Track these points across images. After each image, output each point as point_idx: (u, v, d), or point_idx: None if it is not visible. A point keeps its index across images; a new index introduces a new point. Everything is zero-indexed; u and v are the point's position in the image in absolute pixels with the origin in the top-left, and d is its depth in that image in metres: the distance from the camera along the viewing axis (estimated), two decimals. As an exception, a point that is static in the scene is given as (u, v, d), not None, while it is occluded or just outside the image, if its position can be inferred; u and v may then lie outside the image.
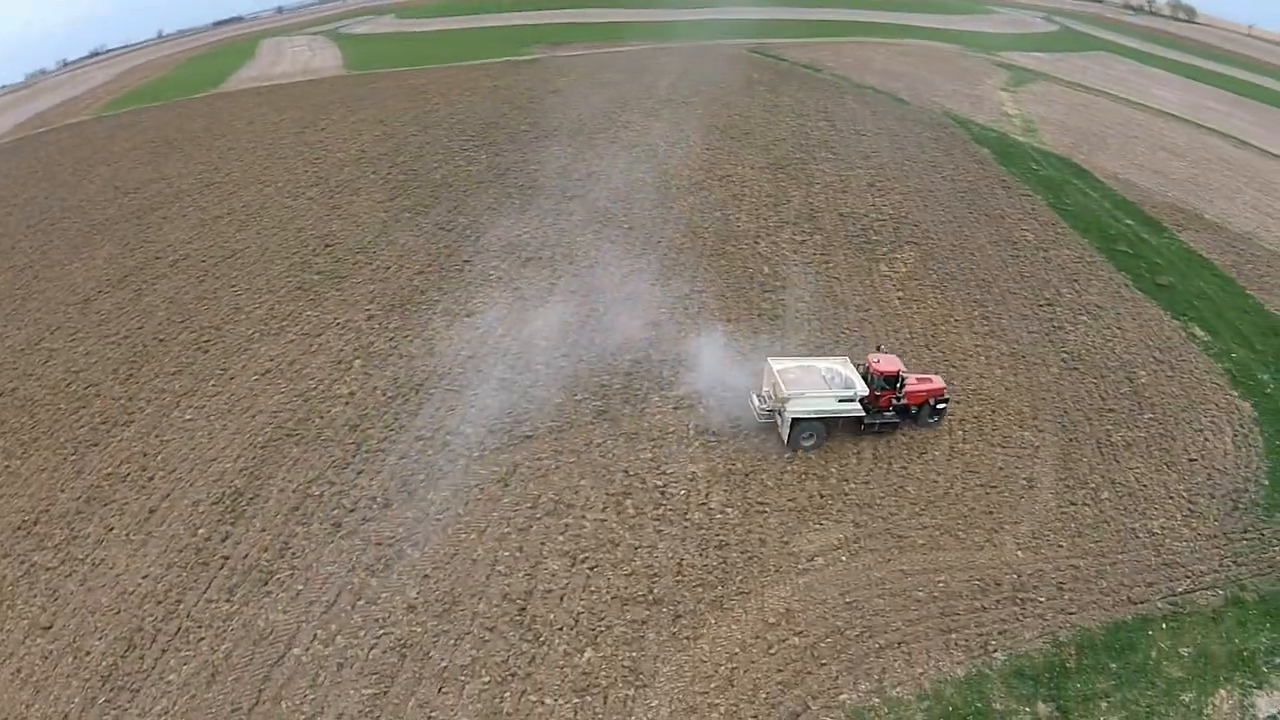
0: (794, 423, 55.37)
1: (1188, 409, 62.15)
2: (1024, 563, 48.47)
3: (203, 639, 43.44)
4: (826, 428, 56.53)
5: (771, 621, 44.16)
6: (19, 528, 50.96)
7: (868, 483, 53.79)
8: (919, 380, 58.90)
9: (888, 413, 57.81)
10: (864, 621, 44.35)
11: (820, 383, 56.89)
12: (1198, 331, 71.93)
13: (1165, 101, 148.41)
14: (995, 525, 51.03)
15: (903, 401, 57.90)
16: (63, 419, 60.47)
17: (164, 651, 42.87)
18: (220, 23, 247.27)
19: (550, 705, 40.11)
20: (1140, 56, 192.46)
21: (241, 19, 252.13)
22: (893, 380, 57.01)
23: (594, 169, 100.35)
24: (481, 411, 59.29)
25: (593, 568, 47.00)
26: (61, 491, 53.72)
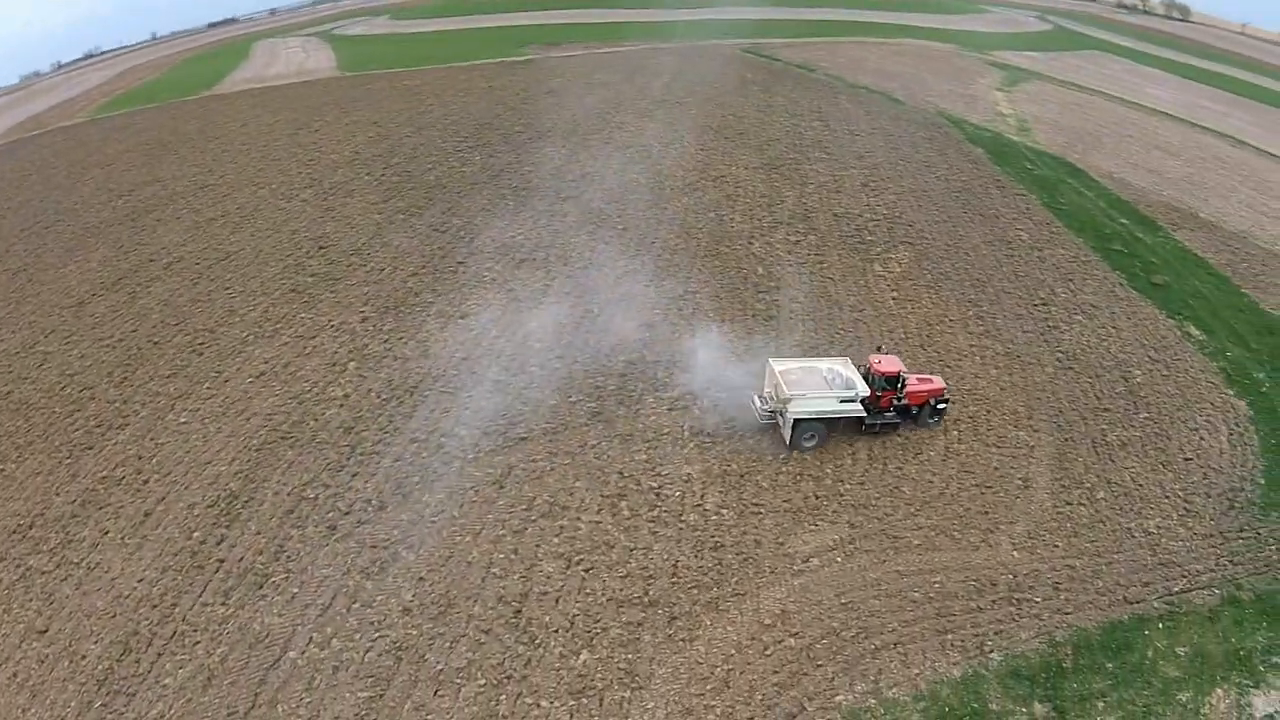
0: (796, 423, 55.43)
1: (1183, 408, 62.20)
2: (1020, 563, 48.48)
3: (198, 643, 43.49)
4: (828, 428, 56.64)
5: (767, 623, 44.17)
6: (14, 531, 51.05)
7: (863, 483, 53.83)
8: (920, 380, 59.03)
9: (889, 413, 57.93)
10: (860, 622, 44.37)
11: (821, 383, 57.01)
12: (1193, 330, 71.93)
13: (1160, 100, 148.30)
14: (991, 525, 51.05)
15: (903, 402, 58.02)
16: (57, 422, 60.58)
17: (160, 655, 42.93)
18: (214, 24, 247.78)
19: (546, 708, 40.12)
20: (1134, 55, 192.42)
21: (236, 20, 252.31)
22: (894, 381, 57.12)
23: (588, 170, 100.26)
24: (476, 413, 59.31)
25: (588, 570, 47.01)
26: (56, 495, 53.80)
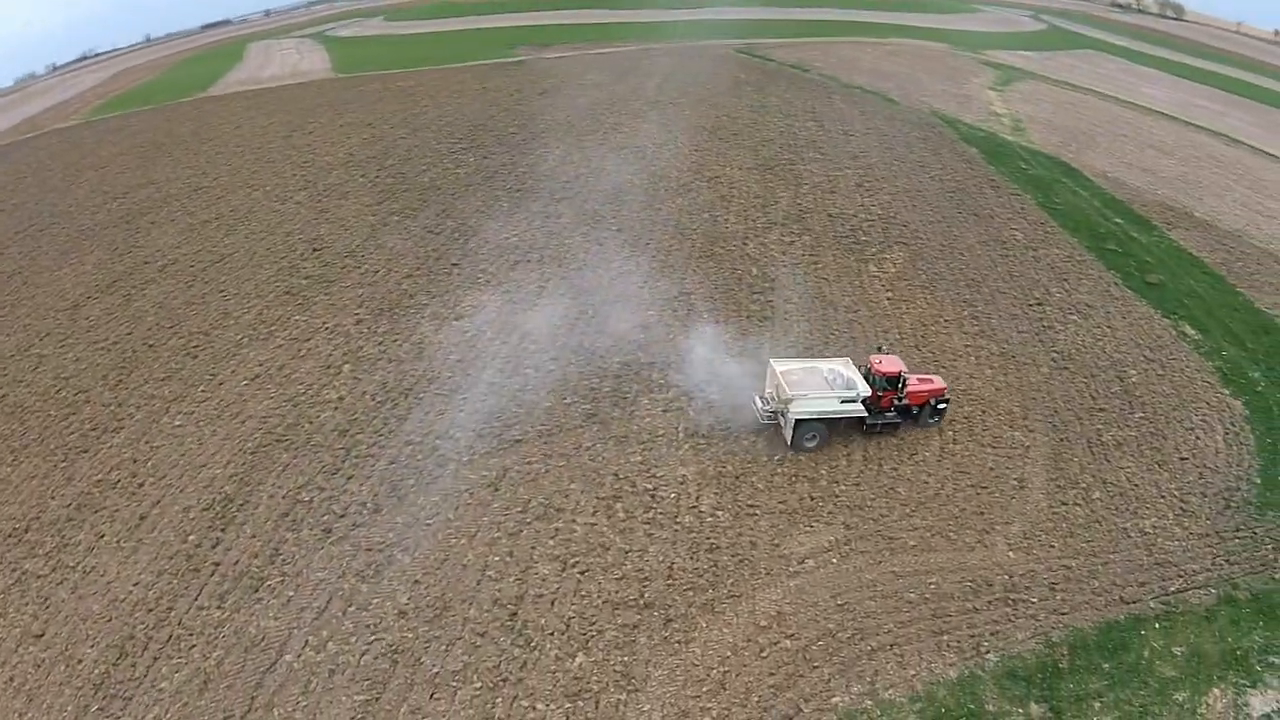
0: (797, 424, 55.51)
1: (1179, 408, 62.24)
2: (1016, 563, 48.49)
3: (194, 646, 43.44)
4: (829, 428, 56.69)
5: (763, 624, 44.16)
6: (10, 535, 50.99)
7: (858, 484, 53.84)
8: (920, 380, 59.12)
9: (889, 413, 58.01)
10: (856, 624, 44.36)
11: (823, 384, 57.10)
12: (1188, 330, 71.97)
13: (1154, 99, 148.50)
14: (986, 526, 51.06)
15: (904, 402, 58.08)
16: (53, 425, 60.50)
17: (156, 659, 42.89)
18: (208, 26, 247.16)
19: (542, 710, 40.10)
20: (1129, 54, 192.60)
21: (230, 22, 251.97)
22: (895, 381, 57.21)
23: (582, 171, 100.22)
24: (471, 416, 59.27)
25: (583, 572, 46.99)
26: (52, 499, 53.74)
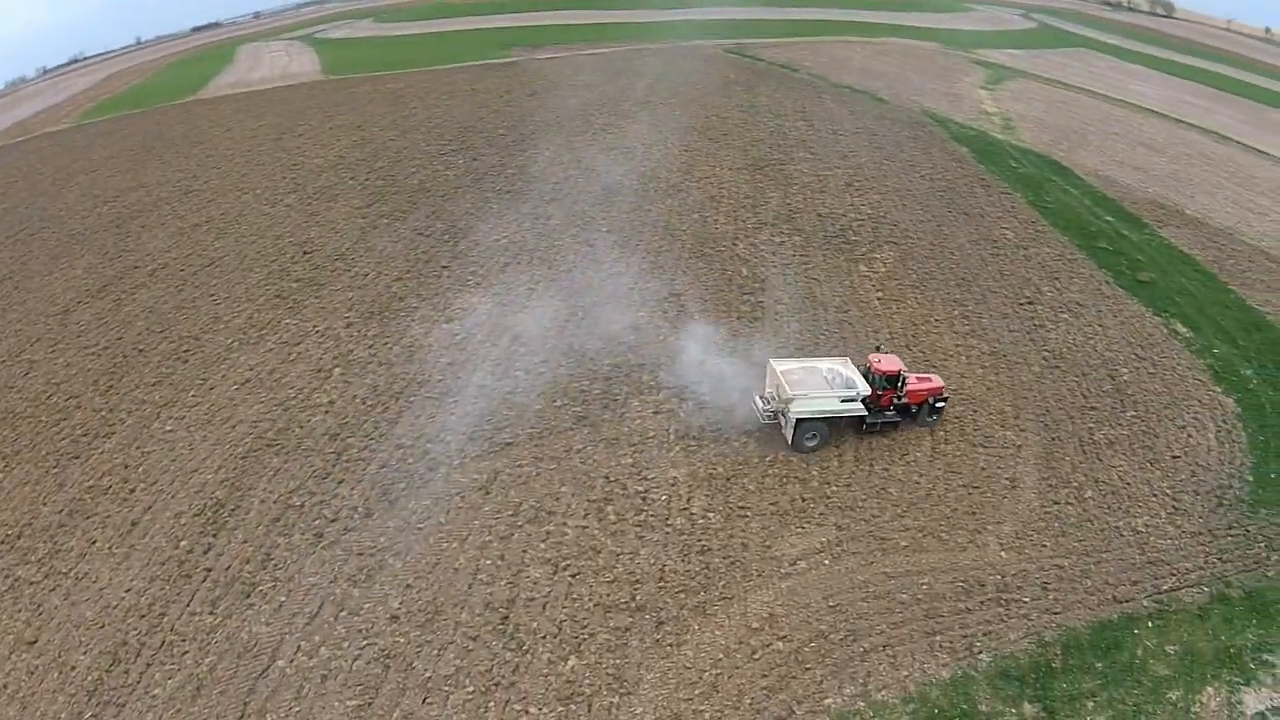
0: (798, 423, 55.58)
1: (1170, 406, 62.26)
2: (1008, 563, 48.49)
3: (187, 652, 43.31)
4: (830, 428, 56.73)
5: (755, 626, 44.12)
6: (2, 542, 50.86)
7: (849, 485, 53.81)
8: (919, 379, 59.23)
9: (889, 412, 58.13)
10: (848, 625, 44.34)
11: (823, 383, 57.15)
12: (1179, 328, 72.02)
13: (1145, 97, 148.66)
14: (978, 526, 51.06)
15: (904, 400, 58.18)
16: (44, 431, 60.33)
17: (149, 665, 42.77)
18: (198, 28, 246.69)
19: (535, 714, 40.03)
20: (1119, 52, 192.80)
21: (219, 24, 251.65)
22: (894, 380, 57.33)
23: (572, 172, 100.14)
24: (461, 419, 59.20)
25: (575, 575, 46.93)
26: (44, 505, 53.57)
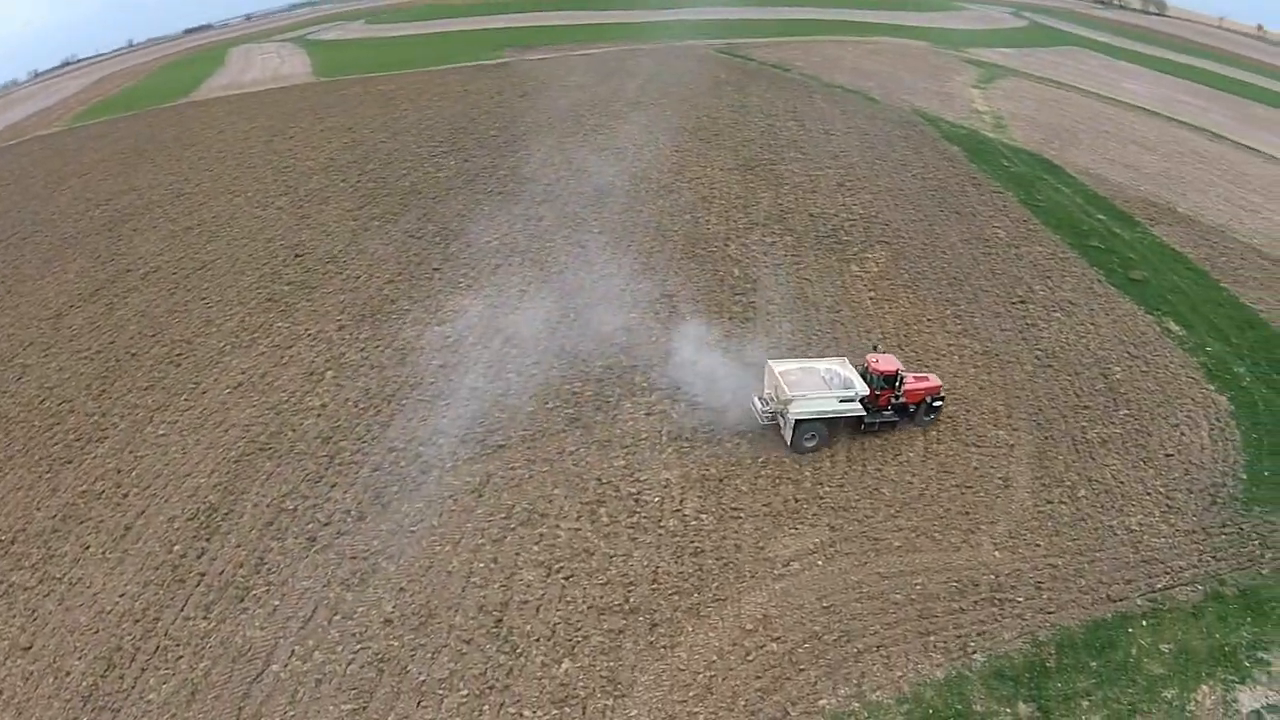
0: (797, 424, 55.51)
1: (1163, 404, 62.21)
2: (1001, 563, 48.42)
3: (181, 657, 43.23)
4: (828, 428, 56.71)
5: (749, 628, 44.06)
6: (-4, 547, 50.79)
7: (842, 486, 53.73)
8: (916, 379, 59.19)
9: (887, 412, 58.11)
10: (842, 626, 44.27)
11: (821, 384, 57.07)
12: (1172, 326, 72.01)
13: (1136, 95, 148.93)
14: (972, 526, 50.99)
15: (901, 400, 58.18)
16: (37, 436, 60.25)
17: (143, 670, 42.67)
18: (190, 30, 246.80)
19: (529, 717, 39.95)
20: (1111, 51, 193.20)
21: (211, 26, 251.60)
22: (892, 380, 57.32)
23: (563, 173, 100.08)
24: (454, 421, 59.08)
25: (568, 578, 46.84)
26: (37, 510, 53.47)
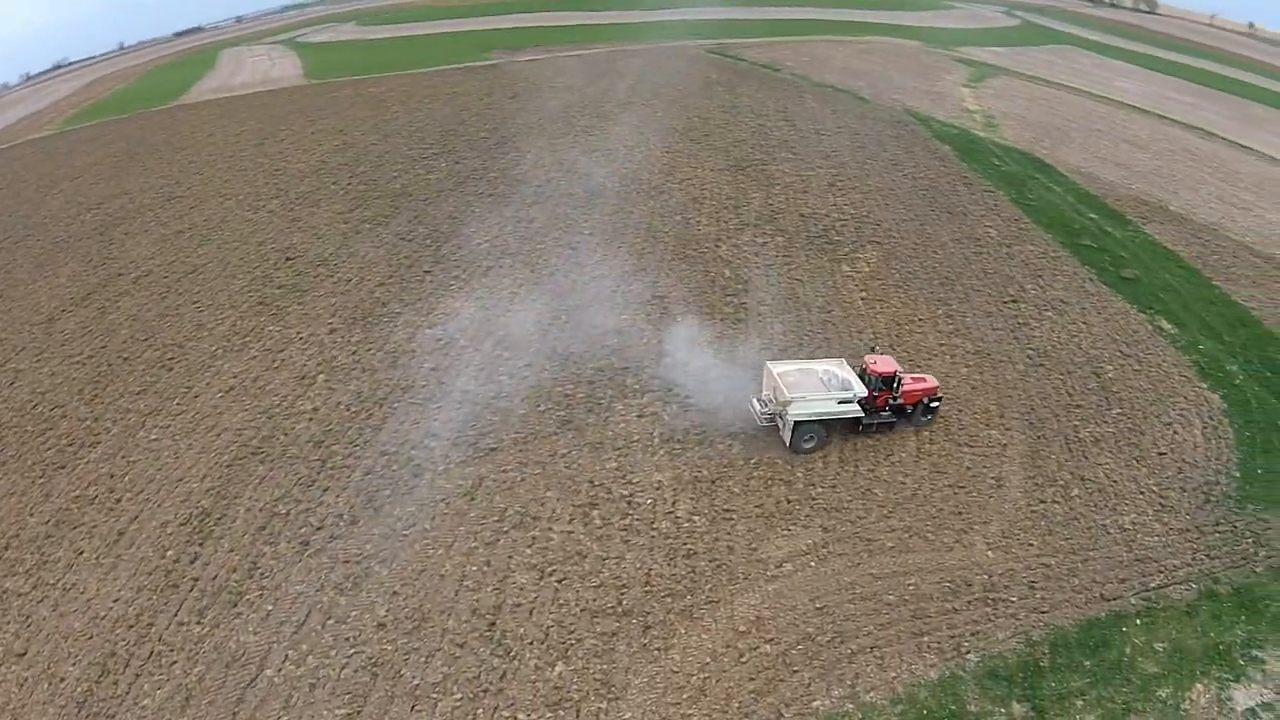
0: (796, 425, 55.52)
1: (1156, 403, 62.25)
2: (995, 562, 48.44)
3: (175, 662, 43.17)
4: (826, 429, 56.71)
5: (742, 630, 44.04)
6: (-10, 552, 50.68)
7: (835, 487, 53.73)
8: (914, 380, 59.24)
9: (884, 412, 58.12)
10: (835, 627, 44.27)
11: (819, 385, 57.08)
12: (1164, 324, 72.08)
13: (1128, 94, 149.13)
14: (965, 526, 51.00)
15: (899, 401, 58.20)
16: (30, 441, 60.09)
17: (138, 676, 42.60)
18: (181, 33, 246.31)
19: (523, 720, 39.99)
20: (1102, 49, 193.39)
21: (202, 29, 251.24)
22: (890, 381, 57.36)
23: (554, 175, 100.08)
24: (445, 424, 59.04)
25: (561, 580, 46.79)
26: (30, 515, 53.33)
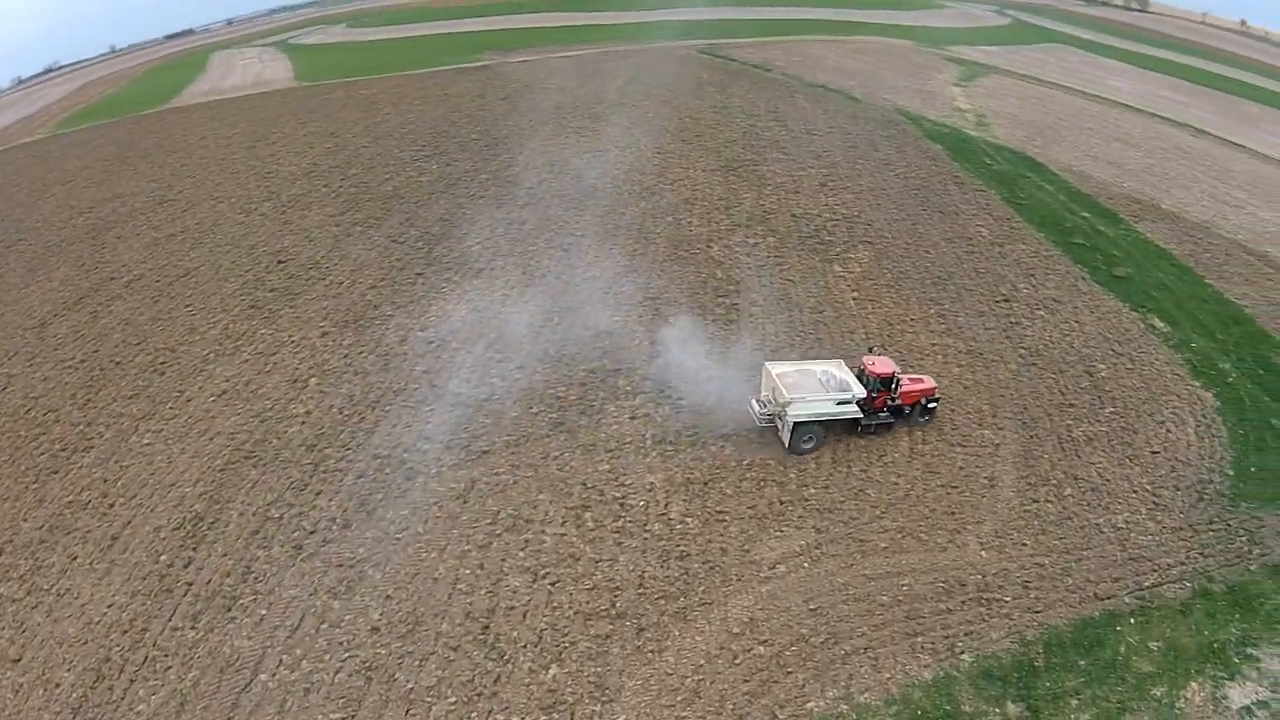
0: (795, 426, 55.53)
1: (1149, 401, 62.36)
2: (988, 562, 48.49)
3: (169, 668, 43.09)
4: (824, 430, 56.74)
5: (736, 631, 44.04)
6: (-16, 559, 50.56)
7: (828, 487, 53.72)
8: (912, 381, 59.30)
9: (883, 413, 58.17)
10: (829, 628, 44.27)
11: (818, 386, 57.07)
12: (1157, 323, 72.22)
13: (1120, 92, 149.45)
14: (958, 526, 51.04)
15: (897, 402, 58.24)
16: (23, 446, 59.98)
17: (132, 681, 42.54)
18: (172, 36, 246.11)
19: (517, 723, 39.95)
20: (1093, 47, 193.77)
21: (192, 32, 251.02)
22: (888, 382, 57.43)
23: (545, 176, 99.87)
24: (438, 427, 58.95)
25: (554, 583, 46.75)
26: (24, 521, 53.23)
